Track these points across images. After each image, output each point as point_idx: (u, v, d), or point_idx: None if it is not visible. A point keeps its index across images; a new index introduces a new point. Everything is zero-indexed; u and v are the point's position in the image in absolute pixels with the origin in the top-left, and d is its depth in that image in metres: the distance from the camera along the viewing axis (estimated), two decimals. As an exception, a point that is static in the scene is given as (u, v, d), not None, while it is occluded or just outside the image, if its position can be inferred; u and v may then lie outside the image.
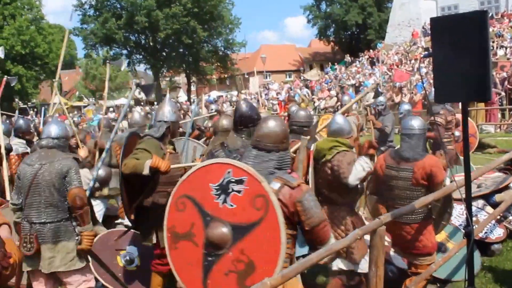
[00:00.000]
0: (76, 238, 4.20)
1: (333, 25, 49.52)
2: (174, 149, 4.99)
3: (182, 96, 45.07)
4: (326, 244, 2.98)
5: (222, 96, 33.96)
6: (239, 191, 2.84)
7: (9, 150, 6.37)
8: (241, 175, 2.84)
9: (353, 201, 4.57)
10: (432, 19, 3.32)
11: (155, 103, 38.90)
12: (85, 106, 30.42)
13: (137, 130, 6.28)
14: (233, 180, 2.86)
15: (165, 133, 4.75)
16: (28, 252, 4.10)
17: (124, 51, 44.01)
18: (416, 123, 4.57)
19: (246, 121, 4.23)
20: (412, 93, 17.77)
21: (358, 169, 4.20)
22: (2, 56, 6.98)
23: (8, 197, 5.89)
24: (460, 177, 4.34)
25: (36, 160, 4.23)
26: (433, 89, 4.23)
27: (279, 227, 2.74)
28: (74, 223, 4.21)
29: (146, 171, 4.21)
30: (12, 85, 11.87)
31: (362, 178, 4.24)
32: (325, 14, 49.61)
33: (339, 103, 19.93)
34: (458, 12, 23.92)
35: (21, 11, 42.55)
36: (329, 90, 24.95)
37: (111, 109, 23.79)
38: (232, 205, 2.87)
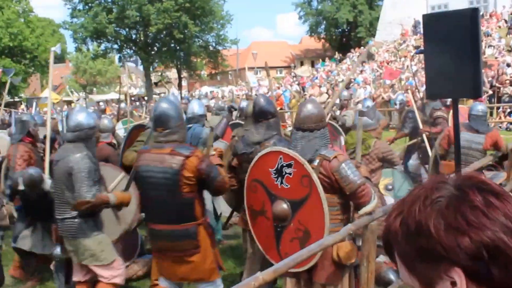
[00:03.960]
0: (95, 234, 4.12)
1: (324, 22, 49.50)
2: None
3: (173, 91, 44.86)
4: (369, 205, 3.45)
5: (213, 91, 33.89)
6: (290, 173, 3.45)
7: (53, 139, 6.36)
8: (289, 160, 3.44)
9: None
10: (424, 16, 3.35)
11: (145, 97, 38.77)
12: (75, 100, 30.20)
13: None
14: (284, 165, 3.47)
15: None
16: (52, 242, 4.38)
17: (115, 46, 43.70)
18: (482, 107, 6.60)
19: (265, 114, 4.50)
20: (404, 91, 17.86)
21: None
22: (59, 52, 6.93)
23: None
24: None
25: (56, 155, 4.21)
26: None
27: (321, 199, 3.31)
28: (91, 220, 4.12)
29: None
30: (8, 76, 11.82)
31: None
32: (317, 11, 49.57)
33: (329, 99, 19.97)
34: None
35: (10, 3, 42.01)
36: (319, 87, 25.00)
37: (101, 103, 23.77)
38: (287, 185, 3.49)
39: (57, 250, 4.51)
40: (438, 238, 0.86)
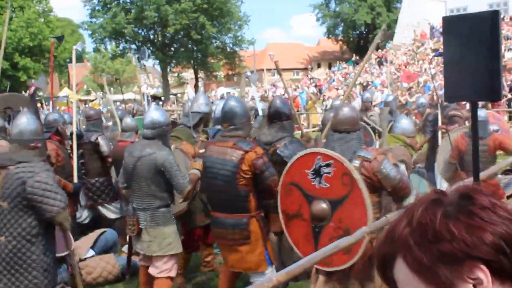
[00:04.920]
0: (173, 223, 4.44)
1: (342, 24, 49.36)
2: (207, 138, 5.45)
3: (190, 92, 44.94)
4: (411, 196, 3.62)
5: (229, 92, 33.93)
6: (329, 173, 3.51)
7: (80, 136, 6.42)
8: (328, 160, 3.50)
9: None
10: (444, 18, 3.31)
11: (162, 98, 38.99)
12: (92, 100, 30.46)
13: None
14: (323, 165, 3.52)
15: (198, 123, 5.30)
16: (131, 234, 4.55)
17: (133, 46, 44.01)
18: (482, 113, 6.09)
19: (280, 115, 4.63)
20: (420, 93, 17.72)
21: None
22: (80, 49, 7.02)
23: (75, 181, 5.98)
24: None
25: (136, 151, 4.41)
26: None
27: (363, 196, 3.37)
28: (171, 210, 4.46)
29: None
30: (61, 43, 12.02)
31: None
32: (334, 13, 49.45)
33: (346, 101, 19.86)
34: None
35: (30, 3, 42.55)
36: (337, 89, 24.94)
37: (117, 103, 23.95)
38: (326, 185, 3.54)
39: None
40: (462, 238, 0.90)
